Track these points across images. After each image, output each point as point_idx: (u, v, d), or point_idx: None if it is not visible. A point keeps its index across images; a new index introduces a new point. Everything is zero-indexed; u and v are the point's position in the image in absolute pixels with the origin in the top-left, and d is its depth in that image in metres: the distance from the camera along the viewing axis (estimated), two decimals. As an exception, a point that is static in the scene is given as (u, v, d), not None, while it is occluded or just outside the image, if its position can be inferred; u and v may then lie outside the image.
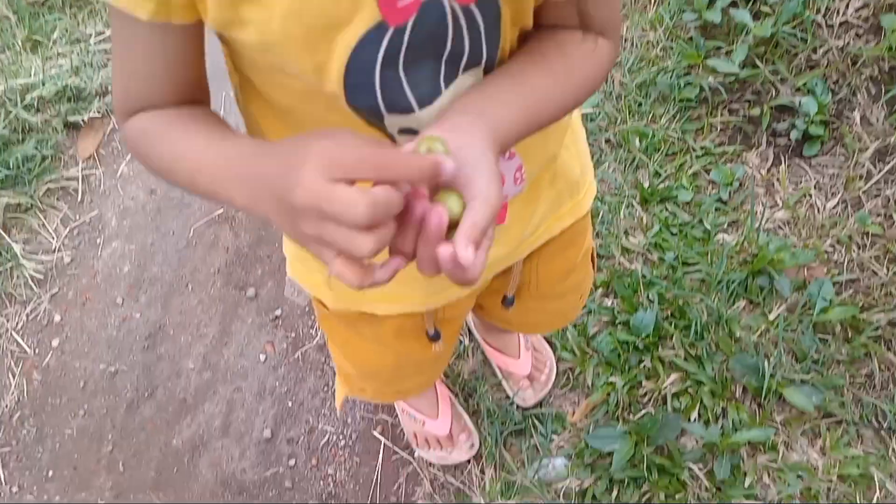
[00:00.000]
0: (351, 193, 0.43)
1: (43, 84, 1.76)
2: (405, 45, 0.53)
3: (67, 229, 1.78)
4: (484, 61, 0.58)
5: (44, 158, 1.78)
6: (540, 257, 0.91)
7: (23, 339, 1.66)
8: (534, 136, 0.60)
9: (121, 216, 1.80)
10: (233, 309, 1.68)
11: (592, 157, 1.11)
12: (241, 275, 1.71)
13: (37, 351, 1.65)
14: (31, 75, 1.77)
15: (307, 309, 1.66)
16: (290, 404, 1.57)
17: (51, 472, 1.53)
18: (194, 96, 0.62)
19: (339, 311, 0.88)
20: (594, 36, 0.62)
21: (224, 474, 1.51)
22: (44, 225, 1.76)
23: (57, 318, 1.69)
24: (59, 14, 1.98)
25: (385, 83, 0.55)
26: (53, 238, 1.76)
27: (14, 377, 1.63)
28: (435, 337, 0.89)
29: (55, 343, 1.66)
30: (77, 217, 1.80)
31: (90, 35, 1.98)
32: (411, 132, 0.60)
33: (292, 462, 1.51)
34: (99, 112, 1.87)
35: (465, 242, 0.46)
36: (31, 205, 1.77)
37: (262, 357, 1.62)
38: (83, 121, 1.85)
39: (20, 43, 1.85)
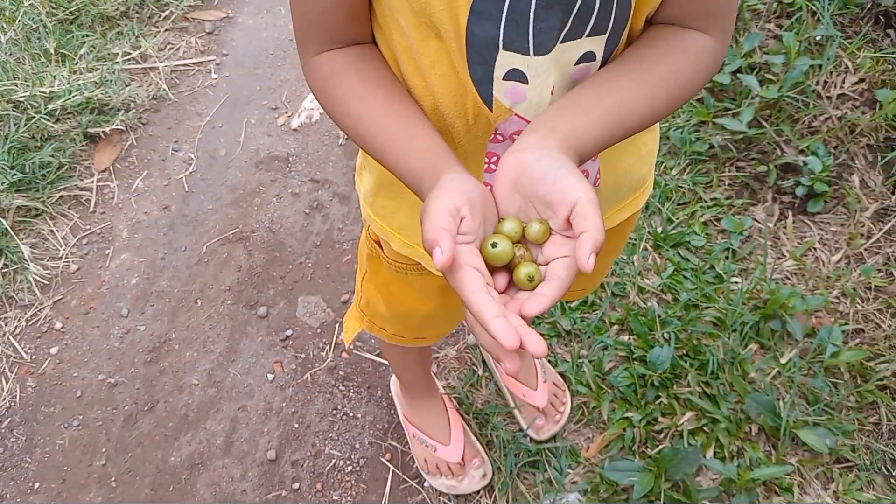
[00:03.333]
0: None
1: (69, 93, 1.77)
2: None
3: (76, 238, 1.74)
4: (609, 32, 0.61)
5: (60, 166, 1.77)
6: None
7: (20, 345, 1.60)
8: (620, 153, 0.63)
9: (132, 229, 1.78)
10: (242, 327, 1.65)
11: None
12: (252, 293, 1.69)
13: (33, 357, 1.59)
14: (55, 85, 1.78)
15: (318, 331, 1.64)
16: (296, 426, 1.52)
17: (37, 484, 1.45)
18: (362, 23, 0.66)
19: (395, 255, 0.90)
20: (704, 35, 0.65)
21: (223, 495, 1.44)
22: (53, 231, 1.73)
23: (58, 325, 1.63)
24: (88, 31, 2.00)
25: (511, 16, 0.57)
26: (62, 245, 1.72)
27: (7, 382, 1.55)
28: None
29: (54, 350, 1.60)
30: (87, 227, 1.77)
31: (117, 54, 2.00)
32: (517, 79, 0.62)
33: (296, 486, 1.46)
34: (121, 125, 1.87)
35: (588, 251, 0.49)
36: (42, 210, 1.74)
37: (270, 377, 1.58)
38: (103, 133, 1.85)
39: (48, 53, 1.86)
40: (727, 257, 1.70)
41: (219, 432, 1.51)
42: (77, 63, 1.93)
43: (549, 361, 1.56)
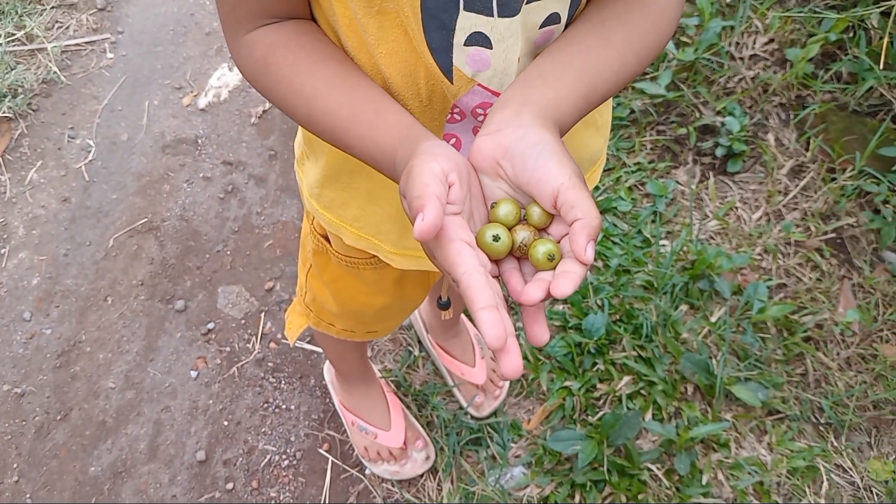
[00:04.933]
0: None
1: (-56, 80, 1.60)
2: None
3: (-35, 238, 1.59)
4: None
5: (-61, 161, 1.60)
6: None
7: None
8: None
9: (29, 225, 1.63)
10: (159, 323, 1.54)
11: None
12: (167, 287, 1.59)
13: (-76, 372, 1.45)
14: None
15: (243, 322, 1.56)
16: (225, 423, 1.45)
17: (-61, 511, 1.32)
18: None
19: (345, 250, 0.84)
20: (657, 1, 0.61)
21: (152, 502, 1.35)
22: (-64, 233, 1.57)
23: (-50, 335, 1.49)
24: (-38, 11, 1.82)
25: None
26: (-51, 246, 1.56)
27: None
28: (445, 305, 0.84)
29: (-53, 363, 1.46)
30: (-23, 225, 1.61)
31: (-2, 34, 1.83)
32: (480, 43, 0.57)
33: (230, 486, 1.38)
34: (9, 112, 1.71)
35: (584, 242, 0.45)
36: (-78, 210, 1.57)
37: (194, 374, 1.49)
38: (-12, 122, 1.69)
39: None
40: (654, 221, 1.71)
41: (142, 437, 1.42)
42: (-49, 46, 1.75)
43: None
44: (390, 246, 0.78)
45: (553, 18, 0.59)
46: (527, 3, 0.56)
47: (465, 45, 0.57)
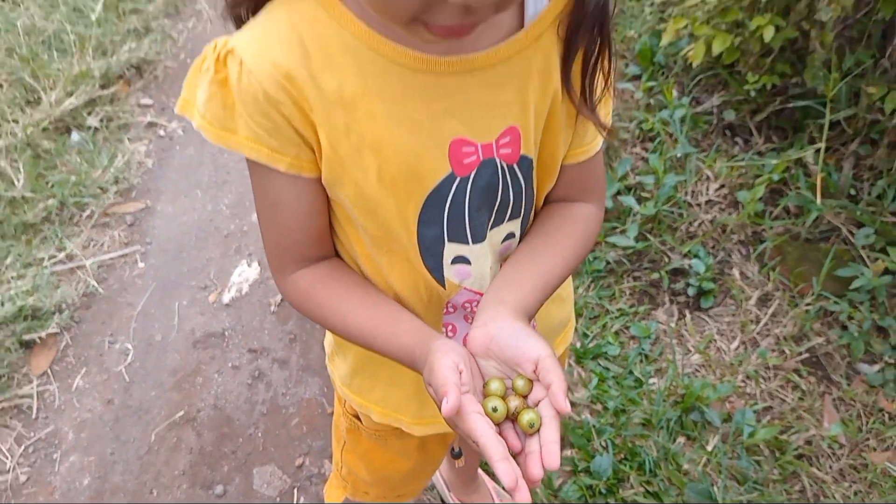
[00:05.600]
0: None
1: (0, 305, 1.81)
2: (468, 192, 0.73)
3: (22, 448, 1.74)
4: (522, 215, 0.80)
5: (-3, 378, 1.79)
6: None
7: (-28, 571, 1.56)
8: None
9: (78, 429, 1.79)
10: (201, 509, 1.66)
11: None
12: (207, 474, 1.72)
13: (-12, 582, 1.55)
14: (-15, 300, 1.82)
15: (277, 499, 1.68)
16: None
17: None
18: (328, 244, 0.81)
19: (373, 425, 1.02)
20: (588, 205, 0.85)
21: None
22: (-4, 446, 1.72)
23: (11, 542, 1.61)
24: (12, 241, 2.07)
25: (451, 220, 0.74)
26: (8, 458, 1.71)
27: None
28: (458, 455, 1.00)
29: (9, 571, 1.57)
30: (32, 434, 1.77)
31: (43, 258, 2.07)
32: (462, 262, 0.78)
33: None
34: (55, 328, 1.92)
35: (562, 399, 0.64)
36: (-17, 426, 1.74)
37: (236, 555, 1.60)
38: (39, 338, 1.89)
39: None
40: (642, 361, 1.87)
41: None
42: (4, 273, 1.98)
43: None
44: (411, 418, 0.96)
45: (510, 236, 0.82)
46: (490, 229, 0.79)
47: (451, 263, 0.79)
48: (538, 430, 0.65)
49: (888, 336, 1.88)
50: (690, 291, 2.01)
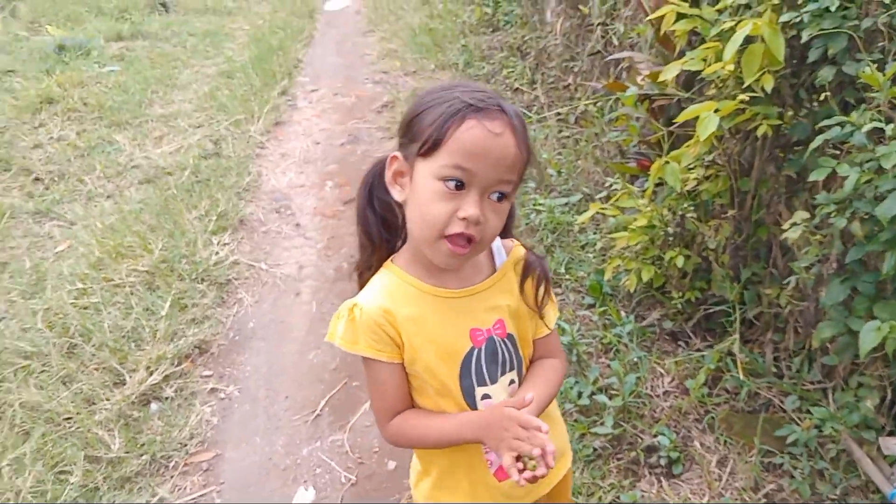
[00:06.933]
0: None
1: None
2: (483, 355, 1.36)
3: None
4: (516, 368, 1.42)
5: None
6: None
7: None
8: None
9: None
10: None
11: None
12: None
13: None
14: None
15: None
16: None
17: None
18: (409, 401, 1.41)
19: None
20: (555, 359, 1.49)
21: None
22: None
23: None
24: (116, 492, 2.56)
25: (477, 374, 1.36)
26: None
27: None
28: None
29: None
30: None
31: None
32: (487, 397, 1.38)
33: None
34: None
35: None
36: None
37: None
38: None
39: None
40: (633, 522, 2.32)
41: None
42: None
43: None
44: None
45: (512, 381, 1.43)
46: (500, 376, 1.40)
47: (481, 399, 1.39)
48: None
49: (825, 479, 2.37)
50: (663, 462, 2.52)
